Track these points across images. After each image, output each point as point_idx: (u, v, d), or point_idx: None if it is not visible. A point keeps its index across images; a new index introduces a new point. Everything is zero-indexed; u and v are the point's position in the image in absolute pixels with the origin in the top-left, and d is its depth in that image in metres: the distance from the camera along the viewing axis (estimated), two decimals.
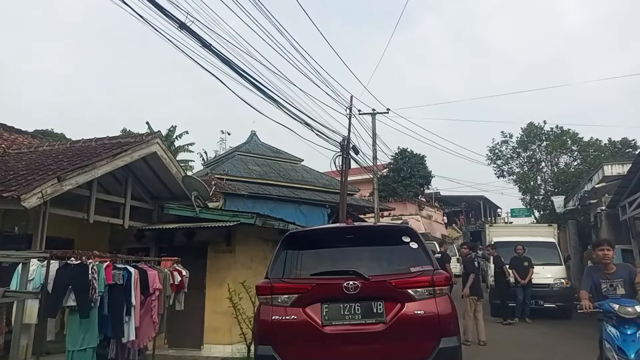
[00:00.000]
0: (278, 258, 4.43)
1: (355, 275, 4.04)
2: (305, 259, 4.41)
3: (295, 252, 4.45)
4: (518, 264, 10.91)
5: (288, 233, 4.83)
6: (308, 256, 4.45)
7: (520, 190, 25.19)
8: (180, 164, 30.95)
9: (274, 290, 4.14)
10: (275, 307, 4.09)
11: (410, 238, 4.38)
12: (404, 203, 33.56)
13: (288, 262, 4.38)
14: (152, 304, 5.91)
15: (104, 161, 7.62)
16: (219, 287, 8.72)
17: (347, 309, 4.02)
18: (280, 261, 4.40)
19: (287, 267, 4.34)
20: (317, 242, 4.65)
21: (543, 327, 10.25)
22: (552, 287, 11.23)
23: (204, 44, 6.53)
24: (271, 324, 4.07)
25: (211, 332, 8.90)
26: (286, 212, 13.99)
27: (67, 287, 4.95)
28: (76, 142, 9.34)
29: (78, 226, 8.88)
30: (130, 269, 5.50)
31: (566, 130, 24.57)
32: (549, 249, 12.18)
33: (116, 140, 8.83)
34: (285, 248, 4.48)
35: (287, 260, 4.39)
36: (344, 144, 14.96)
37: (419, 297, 4.01)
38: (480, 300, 8.58)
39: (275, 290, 4.14)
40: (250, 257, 9.71)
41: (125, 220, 9.04)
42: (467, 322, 8.21)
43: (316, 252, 4.51)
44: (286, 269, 4.32)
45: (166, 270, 6.46)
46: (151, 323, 5.90)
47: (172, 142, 29.60)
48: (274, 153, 20.77)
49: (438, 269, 4.26)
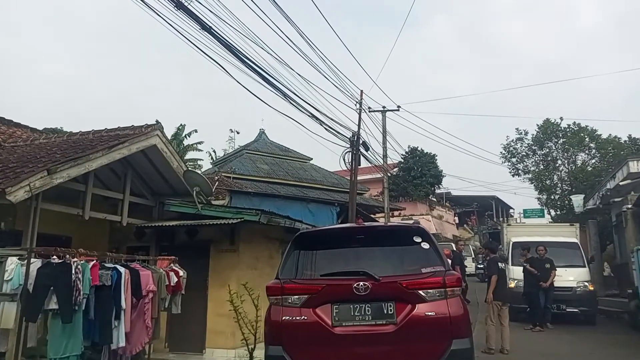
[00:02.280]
0: (289, 258, 4.42)
1: (366, 276, 4.00)
2: (315, 260, 4.39)
3: (305, 253, 4.43)
4: (539, 265, 10.24)
5: (298, 233, 4.81)
6: (318, 256, 4.42)
7: (536, 189, 24.39)
8: (187, 162, 30.76)
9: (285, 291, 4.14)
10: (286, 308, 4.08)
11: (422, 238, 4.32)
12: (415, 203, 33.20)
13: (298, 262, 4.37)
14: (145, 307, 5.41)
15: (98, 153, 7.17)
16: (221, 288, 8.26)
17: (358, 310, 3.99)
18: (291, 261, 4.39)
19: (297, 267, 4.33)
20: (327, 243, 4.61)
21: (567, 334, 9.60)
22: (575, 291, 10.56)
23: (202, 26, 6.03)
24: (282, 325, 4.05)
25: (213, 336, 8.51)
26: (294, 210, 13.53)
27: (48, 289, 4.48)
28: (73, 135, 8.91)
29: (77, 223, 8.47)
30: (120, 269, 5.01)
31: (584, 127, 23.72)
32: (572, 249, 11.44)
33: (114, 132, 8.38)
34: (295, 248, 4.47)
35: (297, 260, 4.39)
36: (354, 140, 14.42)
37: (430, 298, 3.97)
38: (505, 305, 7.90)
39: (286, 291, 4.13)
40: (255, 257, 9.26)
41: (123, 217, 8.62)
42: (489, 328, 7.61)
43: (327, 252, 4.47)
44: (296, 269, 4.32)
45: (161, 271, 5.95)
46: (144, 328, 5.39)
47: (181, 141, 29.63)
48: (283, 151, 20.56)
49: (450, 270, 4.22)
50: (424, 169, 33.64)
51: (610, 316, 11.97)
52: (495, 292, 7.75)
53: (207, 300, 8.69)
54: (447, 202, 40.68)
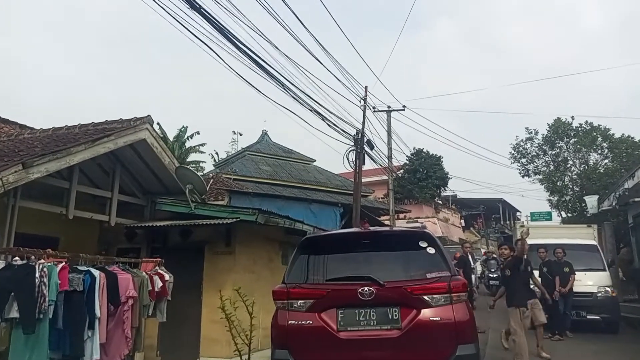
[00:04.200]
0: (295, 262, 4.44)
1: (371, 281, 3.99)
2: (321, 264, 4.41)
3: (311, 257, 4.46)
4: (557, 269, 9.53)
5: (305, 238, 4.84)
6: (324, 261, 4.43)
7: (547, 190, 23.60)
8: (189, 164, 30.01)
9: (291, 295, 4.15)
10: (292, 312, 4.11)
11: (428, 243, 4.29)
12: (420, 205, 32.74)
13: (304, 267, 4.41)
14: (124, 316, 4.81)
15: (81, 147, 6.63)
16: (216, 293, 7.67)
17: (363, 315, 3.98)
18: (297, 266, 4.41)
19: (303, 272, 4.36)
20: (333, 247, 4.63)
21: (589, 343, 8.88)
22: (595, 296, 9.83)
23: (191, 5, 5.47)
24: (288, 329, 4.08)
25: (208, 344, 7.96)
26: (295, 211, 12.96)
27: (9, 294, 3.91)
28: (59, 129, 8.38)
29: (64, 223, 7.93)
30: (94, 272, 4.43)
31: (596, 126, 22.93)
32: (591, 252, 10.70)
33: (101, 126, 7.84)
34: (302, 253, 4.49)
35: (303, 265, 4.42)
36: (358, 138, 13.84)
37: (435, 303, 3.95)
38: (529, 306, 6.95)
39: (292, 296, 4.15)
40: (252, 259, 8.69)
41: (111, 217, 8.07)
42: (519, 339, 6.48)
43: (332, 257, 4.46)
44: (303, 273, 4.34)
45: (144, 274, 5.35)
46: (123, 339, 4.79)
47: (183, 143, 29.26)
48: (286, 153, 20.22)
49: (455, 275, 4.20)
50: (429, 171, 33.32)
51: (631, 323, 11.24)
52: (514, 296, 6.99)
53: (201, 305, 8.15)
54: (453, 205, 40.12)
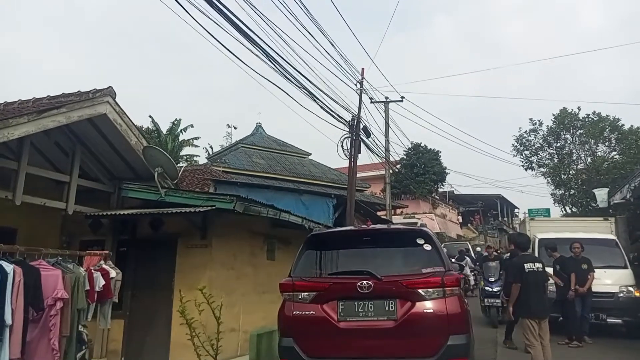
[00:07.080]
0: (301, 257, 4.73)
1: (369, 276, 4.28)
2: (324, 259, 4.74)
3: (316, 252, 4.79)
4: (574, 266, 8.46)
5: (310, 234, 5.14)
6: (327, 256, 4.77)
7: (552, 184, 22.58)
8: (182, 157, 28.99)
9: (295, 288, 4.47)
10: (297, 303, 4.42)
11: (425, 240, 4.57)
12: (417, 201, 31.87)
13: (310, 261, 4.71)
14: (51, 323, 3.75)
15: (23, 118, 5.61)
16: (190, 292, 6.65)
17: (361, 307, 4.30)
18: (303, 260, 4.70)
19: (308, 266, 4.66)
20: (337, 243, 4.93)
21: (611, 349, 7.88)
22: (617, 297, 8.78)
23: None
24: (293, 319, 4.40)
25: (179, 349, 6.92)
26: (285, 202, 11.97)
27: None
28: (11, 104, 7.30)
29: (23, 213, 6.93)
30: (5, 267, 3.38)
31: (605, 117, 21.85)
32: (610, 247, 9.63)
33: (56, 99, 6.79)
34: (307, 248, 4.80)
35: (308, 259, 4.72)
36: (354, 124, 12.81)
37: (429, 296, 4.22)
38: (544, 319, 5.93)
39: (297, 288, 4.46)
40: (232, 254, 7.70)
41: (69, 204, 7.03)
42: (535, 351, 5.68)
43: (335, 252, 4.80)
44: (307, 267, 4.65)
45: (80, 271, 4.29)
46: (49, 351, 3.73)
47: (177, 136, 28.54)
48: (280, 146, 19.47)
49: (450, 270, 4.43)
50: (427, 166, 32.47)
51: None
52: (524, 305, 5.92)
53: (172, 305, 7.13)
54: (451, 201, 39.23)
